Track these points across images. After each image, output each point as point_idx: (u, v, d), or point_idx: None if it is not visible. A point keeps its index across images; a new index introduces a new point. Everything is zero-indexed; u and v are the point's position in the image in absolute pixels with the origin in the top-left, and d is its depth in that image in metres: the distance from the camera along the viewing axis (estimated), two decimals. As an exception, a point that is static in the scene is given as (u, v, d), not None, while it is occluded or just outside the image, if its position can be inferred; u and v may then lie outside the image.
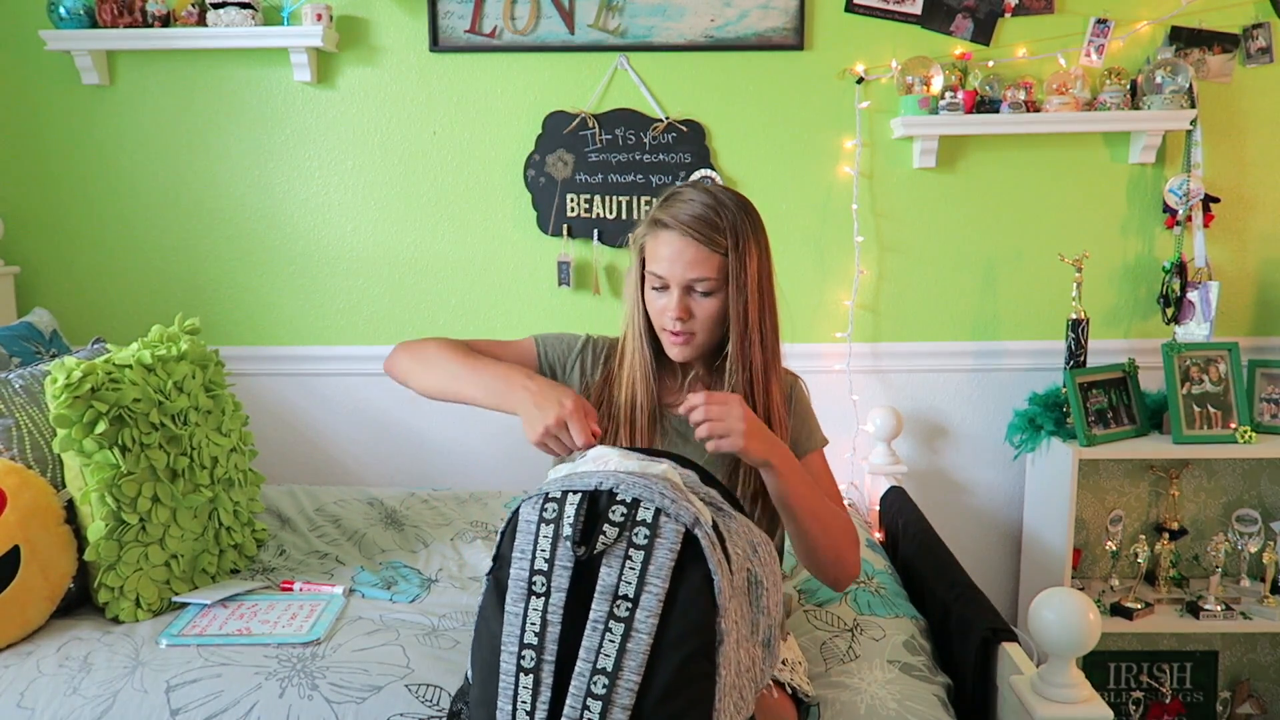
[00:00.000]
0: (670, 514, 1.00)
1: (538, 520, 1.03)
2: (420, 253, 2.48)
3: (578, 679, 0.96)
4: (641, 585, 0.97)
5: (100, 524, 1.58)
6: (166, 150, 2.44)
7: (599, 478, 1.03)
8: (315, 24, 2.29)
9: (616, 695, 0.95)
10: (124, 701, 1.37)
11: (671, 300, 1.31)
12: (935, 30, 2.36)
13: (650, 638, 0.96)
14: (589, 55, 2.38)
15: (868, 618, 1.65)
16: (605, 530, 0.98)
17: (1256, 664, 2.48)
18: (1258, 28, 2.32)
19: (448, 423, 2.54)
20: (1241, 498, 2.43)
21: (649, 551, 0.98)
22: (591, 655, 0.96)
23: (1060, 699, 1.32)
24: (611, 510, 0.99)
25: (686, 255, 1.29)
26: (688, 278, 1.30)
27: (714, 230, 1.29)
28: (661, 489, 1.01)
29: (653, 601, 0.97)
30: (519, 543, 1.03)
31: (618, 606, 0.97)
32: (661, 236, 1.31)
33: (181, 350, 1.75)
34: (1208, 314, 2.31)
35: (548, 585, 0.99)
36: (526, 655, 0.98)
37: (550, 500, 1.03)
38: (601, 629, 0.97)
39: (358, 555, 1.94)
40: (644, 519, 0.99)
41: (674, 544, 0.99)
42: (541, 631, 0.98)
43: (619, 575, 0.98)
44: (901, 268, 2.46)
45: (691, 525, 1.00)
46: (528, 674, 0.98)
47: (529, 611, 0.99)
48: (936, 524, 2.07)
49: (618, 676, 0.95)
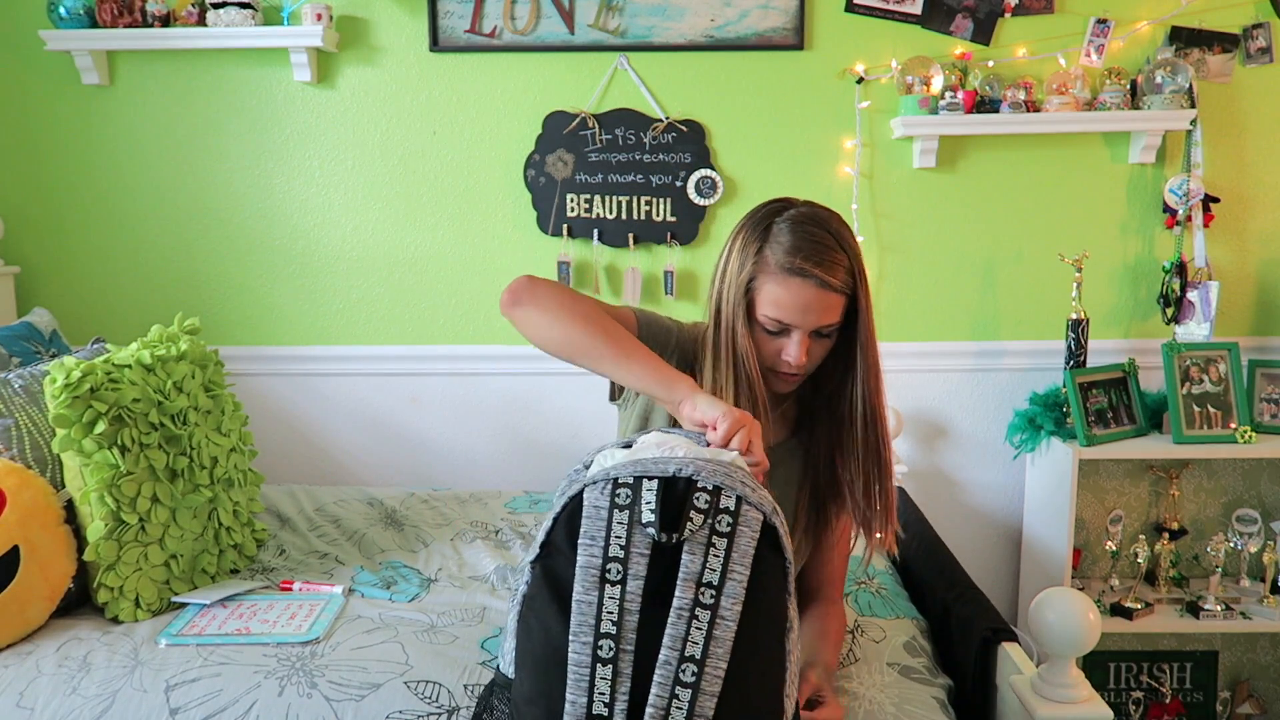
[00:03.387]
0: (751, 502, 0.99)
1: (609, 506, 0.99)
2: (420, 253, 2.48)
3: (663, 667, 0.94)
4: (726, 572, 0.97)
5: (100, 524, 1.58)
6: (166, 150, 2.44)
7: (675, 464, 1.00)
8: (315, 24, 2.29)
9: (705, 682, 0.94)
10: (123, 701, 1.37)
11: (794, 345, 1.26)
12: (935, 30, 2.36)
13: (735, 624, 0.96)
14: (589, 55, 2.38)
15: (868, 619, 1.65)
16: (692, 516, 0.97)
17: (1256, 664, 2.48)
18: (1258, 28, 2.32)
19: (448, 423, 2.54)
20: (1241, 498, 2.43)
21: (732, 538, 0.97)
22: (678, 643, 0.95)
23: (1060, 699, 1.32)
24: (695, 497, 0.98)
25: (820, 304, 1.24)
26: (819, 324, 1.25)
27: (838, 269, 1.24)
28: (742, 478, 1.01)
29: (737, 588, 0.96)
30: (586, 529, 0.99)
31: (702, 594, 0.96)
32: (790, 284, 1.24)
33: (181, 350, 1.75)
34: (1208, 314, 2.31)
35: (623, 573, 0.96)
36: (604, 645, 0.95)
37: (622, 486, 0.99)
38: (688, 616, 0.95)
39: (357, 555, 1.94)
40: (726, 506, 0.98)
41: (755, 531, 0.99)
42: (620, 620, 0.96)
43: (703, 562, 0.96)
44: (901, 268, 2.46)
45: (769, 514, 1.00)
46: (606, 664, 0.95)
47: (604, 600, 0.96)
48: (936, 524, 2.07)
49: (705, 663, 0.94)
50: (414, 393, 2.54)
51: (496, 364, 2.51)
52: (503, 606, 1.67)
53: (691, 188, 2.40)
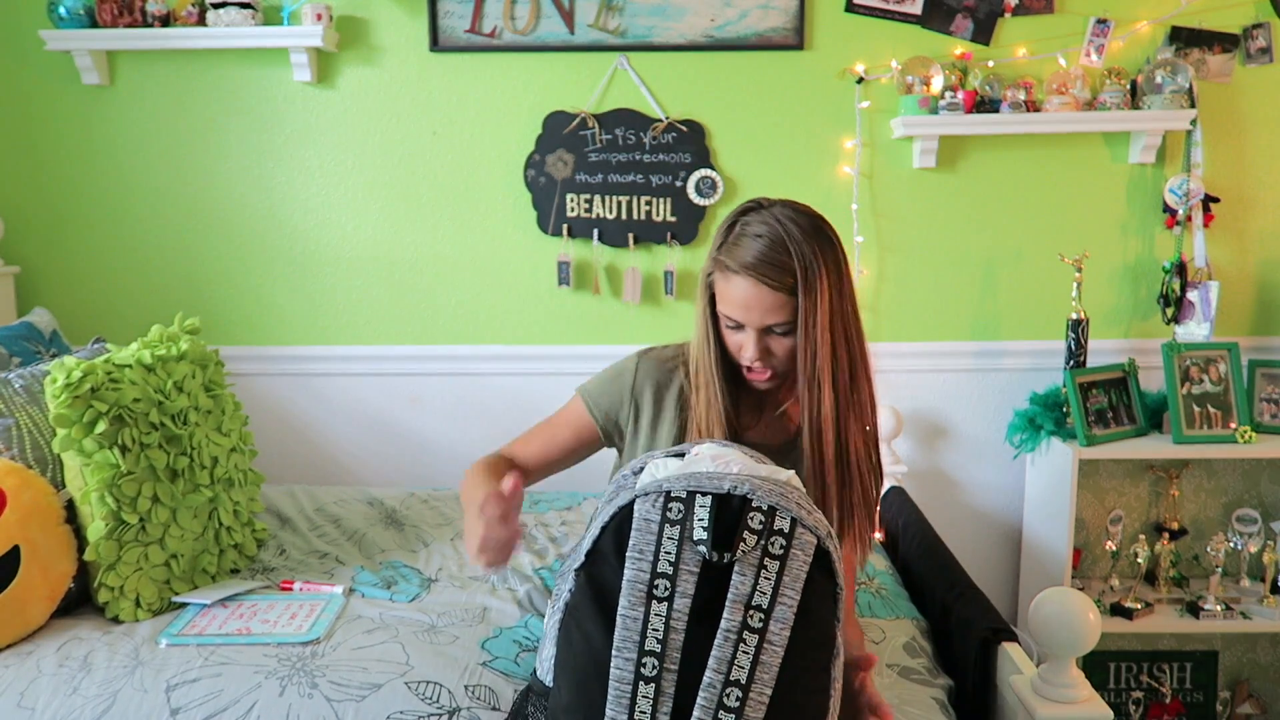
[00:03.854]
0: (806, 525, 0.97)
1: (660, 520, 0.96)
2: (420, 253, 2.48)
3: (707, 690, 0.92)
4: (776, 596, 0.94)
5: (100, 524, 1.58)
6: (166, 150, 2.44)
7: (730, 481, 0.97)
8: (315, 24, 2.29)
9: (749, 708, 0.92)
10: (124, 701, 1.37)
11: (749, 342, 1.27)
12: (935, 30, 2.36)
13: (783, 650, 0.93)
14: (589, 55, 2.38)
15: (868, 619, 1.65)
16: (745, 537, 0.94)
17: (1256, 664, 2.48)
18: (1258, 28, 2.32)
19: (448, 423, 2.54)
20: (1241, 498, 2.43)
21: (784, 561, 0.95)
22: (724, 666, 0.92)
23: (1060, 699, 1.32)
24: (750, 517, 0.95)
25: (764, 302, 1.24)
26: (764, 323, 1.26)
27: (784, 271, 1.23)
28: (798, 499, 0.99)
29: (787, 613, 0.94)
30: (635, 542, 0.96)
31: (751, 617, 0.93)
32: (734, 281, 1.26)
33: (181, 350, 1.75)
34: (1208, 314, 2.31)
35: (671, 590, 0.94)
36: (648, 663, 0.93)
37: (675, 500, 0.96)
38: (735, 639, 0.93)
39: (358, 555, 1.94)
40: (780, 528, 0.95)
41: (808, 555, 0.96)
42: (664, 638, 0.93)
43: (754, 585, 0.94)
44: (901, 268, 2.46)
45: (824, 538, 0.98)
46: (649, 682, 0.93)
47: (650, 616, 0.94)
48: (936, 524, 2.07)
49: (750, 689, 0.92)
50: (414, 393, 2.54)
51: (496, 364, 2.51)
52: (503, 607, 1.67)
53: (691, 188, 2.40)
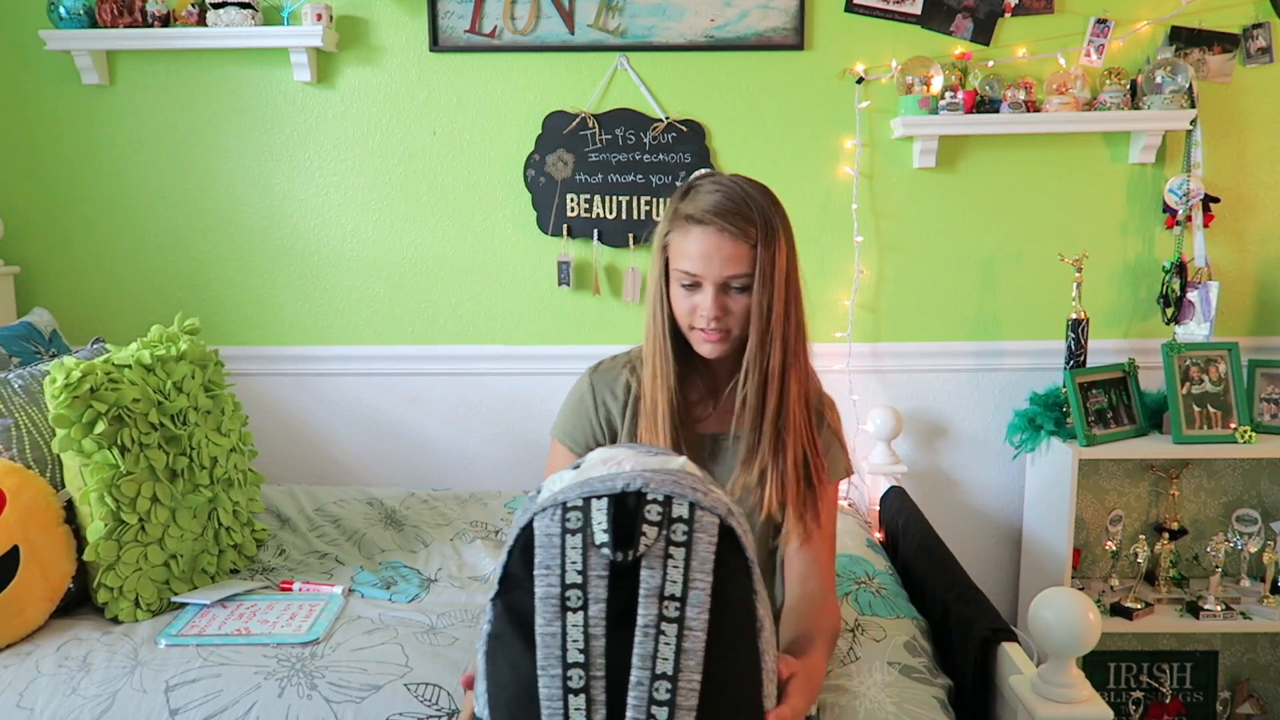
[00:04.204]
0: (705, 506, 0.96)
1: (561, 531, 0.95)
2: (420, 253, 2.48)
3: (636, 689, 0.91)
4: (688, 582, 0.94)
5: (99, 524, 1.58)
6: (166, 150, 2.44)
7: (622, 479, 0.96)
8: (315, 24, 2.29)
9: (680, 697, 0.91)
10: (123, 701, 1.37)
11: (706, 299, 1.27)
12: (935, 30, 2.36)
13: (704, 634, 0.93)
14: (589, 55, 2.38)
15: (869, 618, 1.65)
16: (645, 531, 0.93)
17: (1256, 664, 2.48)
18: (1258, 28, 2.32)
19: (448, 423, 2.54)
20: (1241, 498, 2.43)
21: (689, 547, 0.94)
22: (648, 661, 0.92)
23: (1060, 699, 1.32)
24: (646, 510, 0.94)
25: (723, 251, 1.25)
26: (724, 274, 1.26)
27: (745, 221, 1.25)
28: (691, 483, 0.98)
29: (701, 597, 0.93)
30: (541, 559, 0.96)
31: (666, 608, 0.93)
32: (693, 233, 1.26)
33: (181, 350, 1.75)
34: (1208, 314, 2.31)
35: (584, 598, 0.93)
36: (573, 675, 0.92)
37: (571, 510, 0.96)
38: (654, 633, 0.92)
39: (357, 555, 1.94)
40: (680, 515, 0.95)
41: (713, 536, 0.96)
42: (586, 647, 0.92)
43: (663, 576, 0.93)
44: (901, 268, 2.46)
45: (725, 516, 0.97)
46: (577, 694, 0.92)
47: (568, 629, 0.93)
48: (936, 524, 2.07)
49: (679, 679, 0.92)
50: (414, 393, 2.54)
51: (496, 364, 2.51)
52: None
53: (691, 188, 2.40)
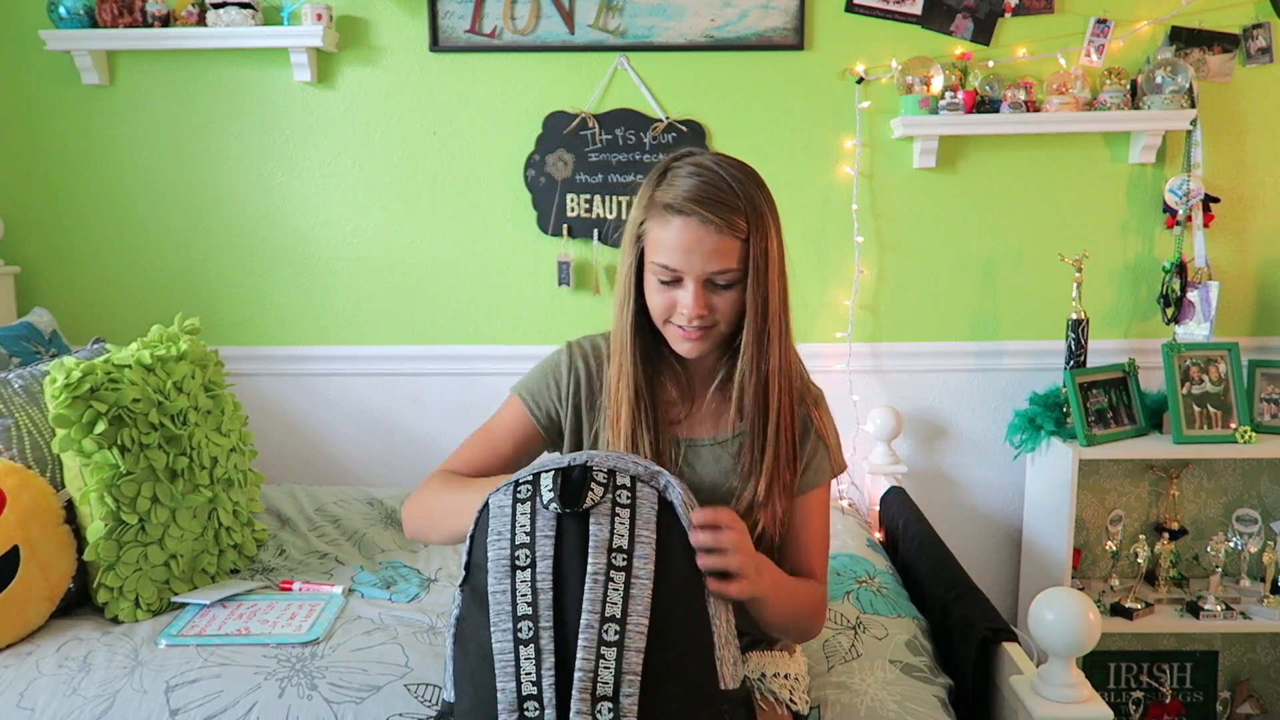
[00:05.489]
0: (643, 480, 1.04)
1: (511, 502, 1.03)
2: (420, 253, 2.48)
3: (586, 631, 0.96)
4: (633, 537, 1.00)
5: (100, 524, 1.58)
6: (166, 150, 2.44)
7: (569, 458, 1.04)
8: (315, 24, 2.29)
9: (629, 639, 0.96)
10: (124, 701, 1.37)
11: (689, 296, 1.13)
12: (935, 30, 2.36)
13: (650, 582, 0.99)
14: (589, 55, 2.38)
15: (870, 616, 1.65)
16: (593, 489, 1.01)
17: (1256, 664, 2.48)
18: (1258, 28, 2.32)
19: (448, 423, 2.54)
20: (1241, 498, 2.43)
21: (633, 509, 1.02)
22: (598, 605, 0.97)
23: (1060, 699, 1.32)
24: (593, 476, 1.02)
25: (707, 245, 1.10)
26: (708, 270, 1.12)
27: (731, 211, 1.10)
28: (633, 459, 1.06)
29: (647, 550, 1.00)
30: (493, 527, 1.03)
31: (615, 558, 0.99)
32: (673, 224, 1.11)
33: (181, 350, 1.75)
34: (1208, 314, 2.31)
35: (532, 556, 0.99)
36: (523, 627, 0.97)
37: (522, 484, 1.04)
38: (603, 579, 0.98)
39: (357, 555, 1.94)
40: (623, 484, 1.03)
41: (653, 504, 1.03)
42: (534, 600, 0.98)
43: (610, 530, 1.00)
44: (901, 268, 2.46)
45: (663, 489, 1.04)
46: (526, 644, 0.97)
47: (516, 585, 0.99)
48: (936, 524, 2.07)
49: (627, 621, 0.97)
50: (414, 393, 2.54)
51: (496, 364, 2.51)
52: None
53: (691, 188, 2.40)
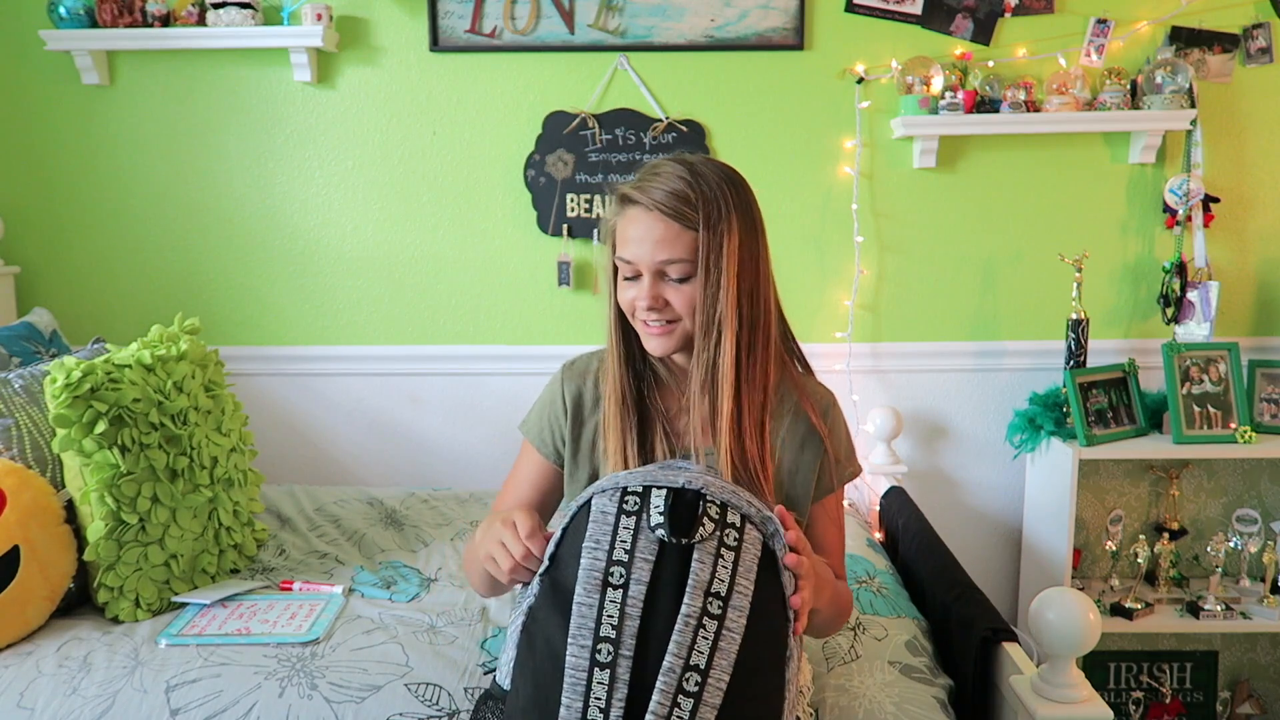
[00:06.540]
0: (755, 523, 0.99)
1: (617, 512, 0.98)
2: (420, 253, 2.48)
3: (667, 675, 0.92)
4: (733, 585, 0.95)
5: (100, 524, 1.58)
6: (166, 150, 2.44)
7: (684, 477, 0.99)
8: (315, 24, 2.29)
9: (707, 693, 0.92)
10: (124, 701, 1.37)
11: (642, 288, 1.15)
12: (935, 30, 2.36)
13: (740, 638, 0.94)
14: (589, 55, 2.38)
15: (870, 617, 1.65)
16: (704, 523, 0.96)
17: (1256, 664, 2.48)
18: (1258, 28, 2.32)
19: (448, 423, 2.54)
20: (1241, 498, 2.43)
21: (738, 552, 0.97)
22: (684, 650, 0.92)
23: (1060, 699, 1.32)
24: (706, 507, 0.97)
25: (655, 234, 1.13)
26: (657, 260, 1.13)
27: (685, 204, 1.12)
28: (748, 497, 1.01)
29: (743, 602, 0.95)
30: (591, 533, 0.97)
31: (710, 603, 0.94)
32: (629, 214, 1.16)
33: (181, 350, 1.75)
34: (1208, 314, 2.31)
35: (626, 577, 0.94)
36: (603, 649, 0.93)
37: (630, 494, 0.99)
38: (695, 624, 0.93)
39: (357, 555, 1.94)
40: (733, 522, 0.98)
41: (757, 551, 0.98)
42: (620, 624, 0.93)
43: (713, 571, 0.95)
44: (901, 268, 2.46)
45: (770, 538, 1.00)
46: (603, 669, 0.92)
47: (605, 603, 0.94)
48: (936, 524, 2.07)
49: (709, 674, 0.92)
50: (414, 393, 2.54)
51: (496, 364, 2.51)
52: (502, 606, 1.67)
53: (691, 188, 2.40)
